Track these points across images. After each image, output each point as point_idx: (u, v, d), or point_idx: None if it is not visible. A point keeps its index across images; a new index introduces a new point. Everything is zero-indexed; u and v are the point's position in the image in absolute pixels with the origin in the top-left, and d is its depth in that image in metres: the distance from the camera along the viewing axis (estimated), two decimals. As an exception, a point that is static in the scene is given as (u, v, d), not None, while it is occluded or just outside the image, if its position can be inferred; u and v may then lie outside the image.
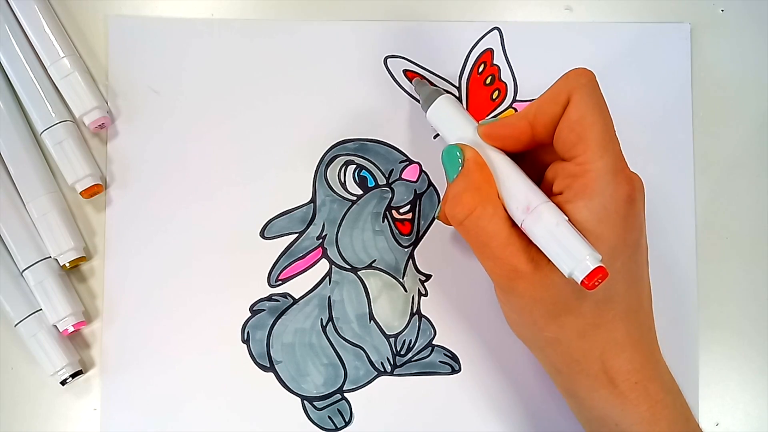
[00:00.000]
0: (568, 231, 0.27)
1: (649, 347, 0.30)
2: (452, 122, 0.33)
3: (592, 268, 0.26)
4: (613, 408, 0.29)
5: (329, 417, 0.37)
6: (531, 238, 0.29)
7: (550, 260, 0.28)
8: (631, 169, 0.29)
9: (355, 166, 0.38)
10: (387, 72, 0.39)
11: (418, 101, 0.38)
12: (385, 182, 0.38)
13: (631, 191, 0.28)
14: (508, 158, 0.31)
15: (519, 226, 0.29)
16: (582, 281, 0.26)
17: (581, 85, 0.29)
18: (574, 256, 0.27)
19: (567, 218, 0.28)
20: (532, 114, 0.30)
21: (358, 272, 0.38)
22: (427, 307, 0.38)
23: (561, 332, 0.29)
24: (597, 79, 0.29)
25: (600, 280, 0.26)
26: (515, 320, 0.32)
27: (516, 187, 0.30)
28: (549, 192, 0.30)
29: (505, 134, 0.31)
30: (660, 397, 0.29)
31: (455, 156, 0.31)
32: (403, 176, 0.38)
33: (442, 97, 0.34)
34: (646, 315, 0.31)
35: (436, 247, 0.38)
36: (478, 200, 0.29)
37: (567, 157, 0.29)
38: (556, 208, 0.28)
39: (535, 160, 0.32)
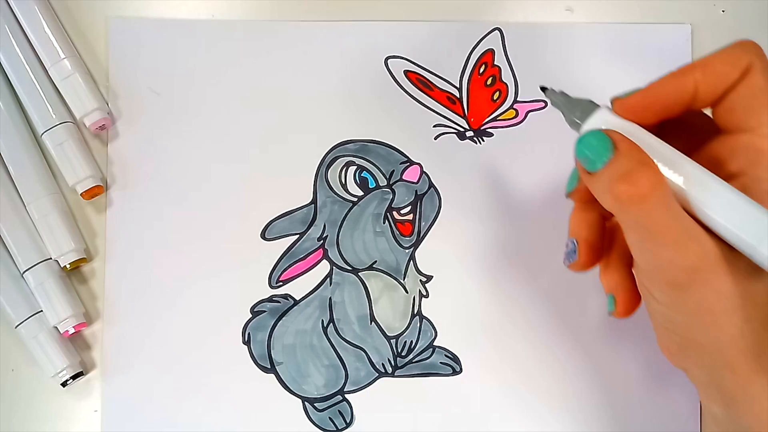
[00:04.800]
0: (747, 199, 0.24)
1: None
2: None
3: None
4: None
5: (330, 418, 0.37)
6: (707, 222, 0.25)
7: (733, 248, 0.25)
8: None
9: (356, 167, 0.38)
10: (388, 73, 0.38)
11: (418, 101, 0.38)
12: (386, 183, 0.38)
13: None
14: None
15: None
16: None
17: (761, 54, 0.26)
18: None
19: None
20: (699, 74, 0.26)
21: (359, 273, 0.38)
22: (428, 308, 0.38)
23: (746, 326, 0.26)
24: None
25: None
26: (686, 323, 0.27)
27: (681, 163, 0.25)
28: (719, 174, 0.26)
29: (660, 100, 0.26)
30: None
31: (599, 139, 0.26)
32: (404, 177, 0.38)
33: (602, 109, 0.27)
34: None
35: (437, 248, 0.38)
36: (658, 177, 0.25)
37: (743, 128, 0.26)
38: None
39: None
